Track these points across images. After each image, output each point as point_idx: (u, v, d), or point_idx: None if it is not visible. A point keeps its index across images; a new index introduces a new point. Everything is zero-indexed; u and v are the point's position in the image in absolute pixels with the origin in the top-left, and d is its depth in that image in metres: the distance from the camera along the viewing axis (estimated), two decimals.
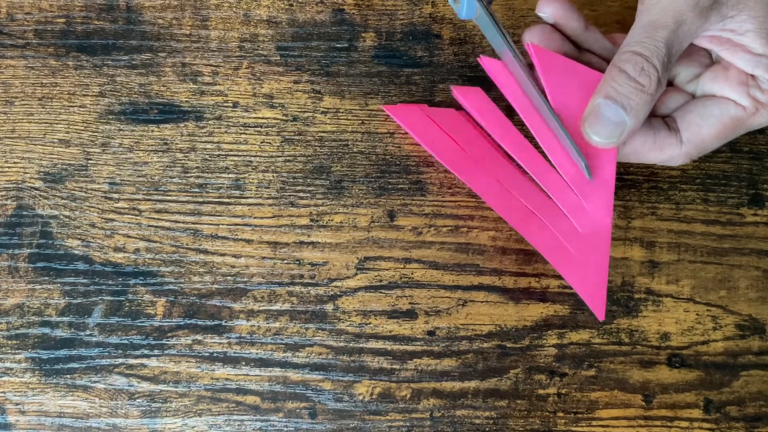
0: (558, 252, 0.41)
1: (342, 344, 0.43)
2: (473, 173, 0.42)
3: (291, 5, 0.45)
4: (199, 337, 0.43)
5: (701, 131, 0.39)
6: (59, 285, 0.43)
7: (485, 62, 0.42)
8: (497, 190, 0.42)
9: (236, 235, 0.43)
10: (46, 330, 0.43)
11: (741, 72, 0.38)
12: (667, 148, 0.39)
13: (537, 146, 0.41)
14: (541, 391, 0.43)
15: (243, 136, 0.44)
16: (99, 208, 0.44)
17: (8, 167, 0.44)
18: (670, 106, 0.40)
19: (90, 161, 0.44)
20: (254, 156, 0.44)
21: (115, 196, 0.44)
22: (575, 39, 0.41)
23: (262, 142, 0.44)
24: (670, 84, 0.41)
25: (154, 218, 0.44)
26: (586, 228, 0.41)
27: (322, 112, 0.44)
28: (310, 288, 0.43)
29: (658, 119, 0.40)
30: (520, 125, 0.42)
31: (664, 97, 0.41)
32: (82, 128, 0.44)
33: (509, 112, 0.42)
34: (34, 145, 0.44)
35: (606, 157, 0.40)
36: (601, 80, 0.38)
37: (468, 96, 0.43)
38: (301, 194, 0.44)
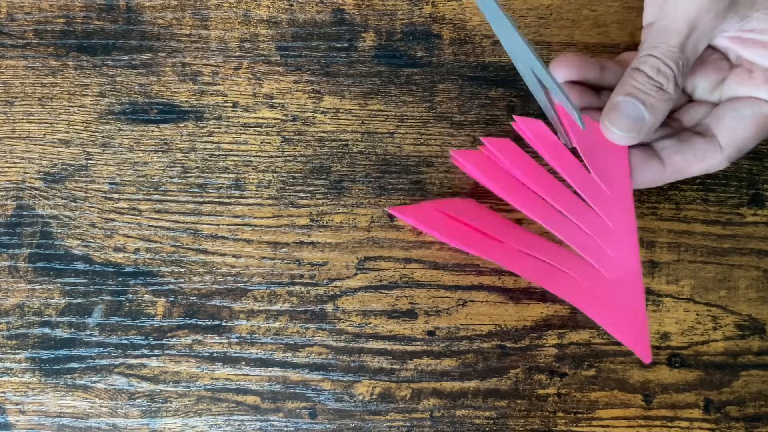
0: (592, 302, 0.40)
1: (342, 344, 0.43)
2: (499, 254, 0.41)
3: (291, 5, 0.45)
4: (199, 337, 0.43)
5: (737, 133, 0.38)
6: (59, 285, 0.43)
7: (521, 123, 0.41)
8: (526, 261, 0.41)
9: (236, 235, 0.43)
10: (46, 330, 0.43)
11: (766, 70, 0.38)
12: (708, 156, 0.39)
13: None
14: (541, 391, 0.43)
15: (243, 136, 0.44)
16: (99, 208, 0.44)
17: (8, 167, 0.44)
18: (696, 117, 0.40)
19: (90, 161, 0.44)
20: (254, 156, 0.44)
21: (115, 196, 0.44)
22: (594, 84, 0.41)
23: (262, 142, 0.44)
24: (690, 99, 0.41)
25: (154, 218, 0.44)
26: (614, 273, 0.40)
27: (322, 112, 0.44)
28: (310, 288, 0.43)
29: (690, 132, 0.40)
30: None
31: (689, 109, 0.41)
32: (82, 128, 0.44)
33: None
34: (34, 145, 0.44)
35: (623, 202, 0.40)
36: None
37: (500, 146, 0.42)
38: (301, 194, 0.44)
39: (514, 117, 0.42)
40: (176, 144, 0.44)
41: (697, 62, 0.40)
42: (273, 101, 0.44)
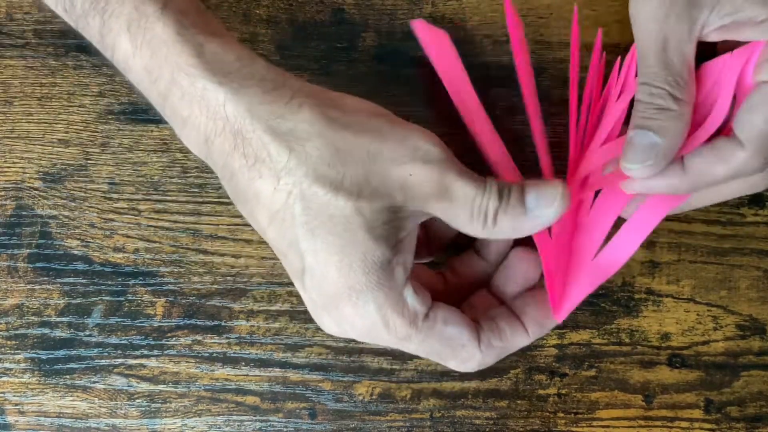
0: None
1: (342, 344, 0.43)
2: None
3: (291, 5, 0.45)
4: (198, 337, 0.43)
5: (755, 124, 0.35)
6: (59, 285, 0.43)
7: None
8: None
9: (236, 235, 0.43)
10: (46, 330, 0.43)
11: (765, 49, 0.36)
12: (729, 156, 0.36)
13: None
14: (541, 392, 0.43)
15: None
16: (98, 208, 0.44)
17: (7, 167, 0.44)
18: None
19: (89, 161, 0.44)
20: None
21: (115, 196, 0.44)
22: None
23: None
24: None
25: (154, 218, 0.43)
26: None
27: None
28: None
29: (719, 135, 0.38)
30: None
31: None
32: (82, 128, 0.44)
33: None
34: (34, 145, 0.44)
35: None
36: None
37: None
38: None
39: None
40: (176, 144, 0.44)
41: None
42: None
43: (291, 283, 0.43)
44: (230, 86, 0.34)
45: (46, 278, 0.43)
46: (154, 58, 0.34)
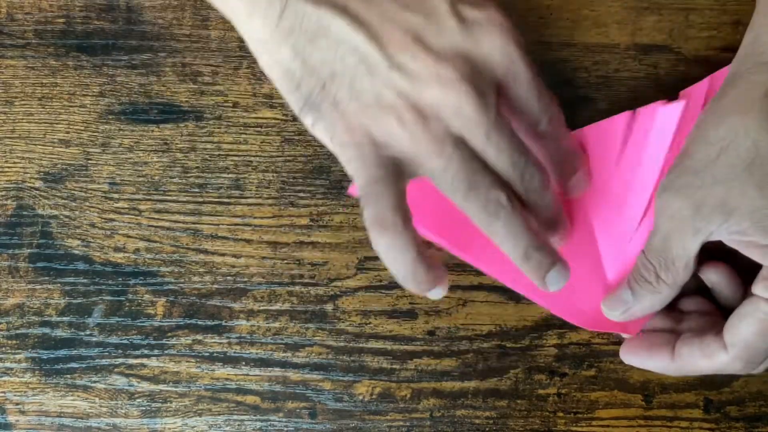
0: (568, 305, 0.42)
1: (342, 344, 0.43)
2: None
3: None
4: (199, 337, 0.43)
5: (740, 332, 0.37)
6: (59, 285, 0.43)
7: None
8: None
9: (236, 235, 0.43)
10: (46, 330, 0.43)
11: (765, 269, 0.37)
12: (714, 355, 0.38)
13: None
14: (541, 391, 0.43)
15: (243, 136, 0.44)
16: (99, 208, 0.44)
17: (8, 167, 0.44)
18: None
19: (90, 161, 0.44)
20: (254, 156, 0.44)
21: (115, 196, 0.44)
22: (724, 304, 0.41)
23: (262, 142, 0.44)
24: None
25: (154, 218, 0.44)
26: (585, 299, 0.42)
27: None
28: (310, 288, 0.43)
29: (708, 320, 0.40)
30: None
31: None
32: (82, 128, 0.44)
33: None
34: (34, 145, 0.44)
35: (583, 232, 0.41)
36: None
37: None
38: (301, 194, 0.44)
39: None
40: (176, 144, 0.44)
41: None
42: (273, 101, 0.44)
43: (291, 283, 0.43)
44: None
45: (46, 278, 0.43)
46: None
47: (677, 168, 0.38)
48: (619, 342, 0.42)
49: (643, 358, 0.40)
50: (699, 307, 0.41)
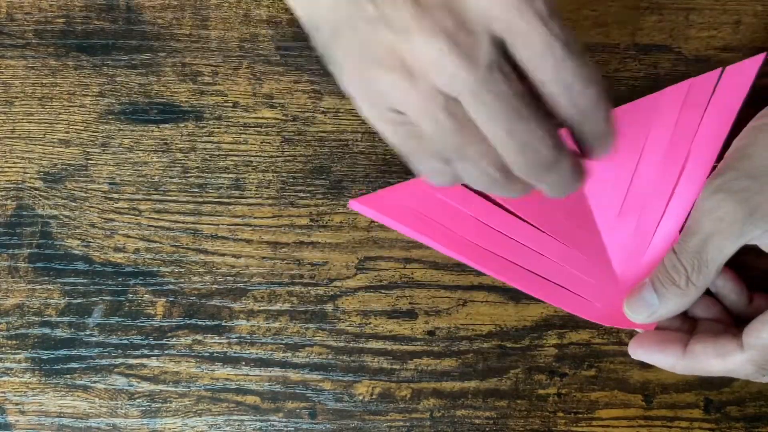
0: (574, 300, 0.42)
1: (342, 344, 0.43)
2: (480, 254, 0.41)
3: None
4: (199, 337, 0.43)
5: (761, 335, 0.37)
6: (59, 285, 0.43)
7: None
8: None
9: (236, 235, 0.43)
10: (46, 330, 0.43)
11: None
12: (728, 355, 0.38)
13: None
14: (541, 391, 0.43)
15: (243, 136, 0.44)
16: (99, 208, 0.44)
17: (8, 167, 0.44)
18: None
19: (90, 161, 0.44)
20: (254, 156, 0.44)
21: (115, 196, 0.44)
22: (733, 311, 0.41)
23: (262, 142, 0.44)
24: None
25: (154, 218, 0.44)
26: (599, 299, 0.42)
27: (322, 112, 0.44)
28: (310, 288, 0.43)
29: (721, 325, 0.40)
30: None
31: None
32: (82, 128, 0.44)
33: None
34: (34, 145, 0.44)
35: (587, 228, 0.41)
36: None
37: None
38: (301, 194, 0.44)
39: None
40: (176, 144, 0.44)
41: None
42: (273, 101, 0.44)
43: (291, 283, 0.43)
44: None
45: (46, 278, 0.43)
46: None
47: (733, 170, 0.37)
48: (619, 342, 0.42)
49: (653, 353, 0.40)
50: (711, 312, 0.41)
